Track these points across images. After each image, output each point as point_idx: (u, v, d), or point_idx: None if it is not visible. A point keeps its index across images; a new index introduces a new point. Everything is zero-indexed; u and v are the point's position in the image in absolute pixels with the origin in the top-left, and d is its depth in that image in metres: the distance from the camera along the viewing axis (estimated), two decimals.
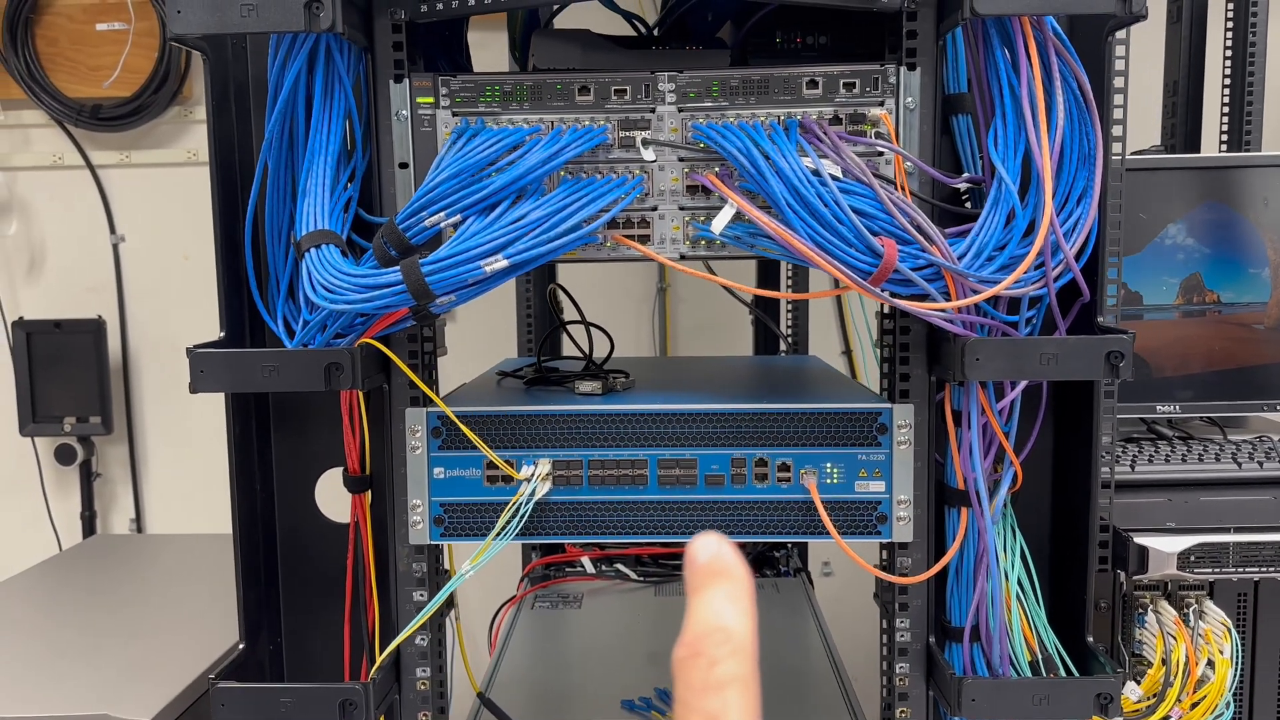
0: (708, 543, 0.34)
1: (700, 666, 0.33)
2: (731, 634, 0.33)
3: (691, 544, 0.35)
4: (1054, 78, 0.87)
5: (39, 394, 2.29)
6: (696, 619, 0.33)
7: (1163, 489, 1.18)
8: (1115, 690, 0.90)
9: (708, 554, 0.34)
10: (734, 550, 0.35)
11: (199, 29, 0.85)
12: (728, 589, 0.34)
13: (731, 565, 0.34)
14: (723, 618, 0.33)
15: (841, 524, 0.95)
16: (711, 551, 0.34)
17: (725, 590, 0.34)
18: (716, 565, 0.34)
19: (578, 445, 0.96)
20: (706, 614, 0.33)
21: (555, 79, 0.92)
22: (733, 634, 0.33)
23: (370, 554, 1.00)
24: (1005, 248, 0.88)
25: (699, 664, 0.33)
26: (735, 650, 0.33)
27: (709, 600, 0.33)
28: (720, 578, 0.34)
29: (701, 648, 0.33)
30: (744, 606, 0.34)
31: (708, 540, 0.35)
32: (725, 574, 0.34)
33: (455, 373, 1.27)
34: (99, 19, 2.26)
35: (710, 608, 0.33)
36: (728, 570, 0.34)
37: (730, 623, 0.33)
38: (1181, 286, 1.38)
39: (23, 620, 1.58)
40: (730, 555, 0.34)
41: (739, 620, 0.33)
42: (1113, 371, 0.88)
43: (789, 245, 0.85)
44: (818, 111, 0.92)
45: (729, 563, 0.34)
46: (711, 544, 0.34)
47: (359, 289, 0.85)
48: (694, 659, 0.33)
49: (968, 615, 0.95)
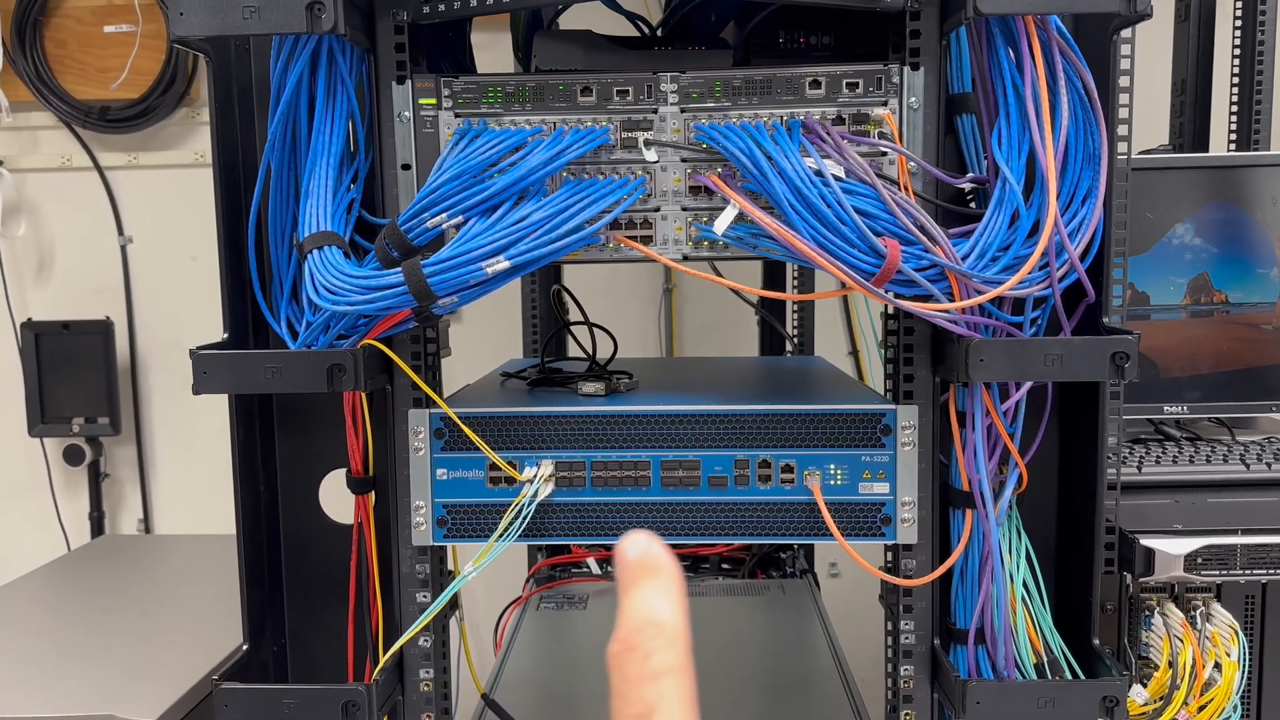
0: (636, 540, 0.35)
1: (635, 660, 0.33)
2: (664, 626, 0.33)
3: (620, 542, 0.35)
4: (1058, 77, 0.87)
5: (47, 395, 2.30)
6: (629, 614, 0.34)
7: (1170, 490, 1.17)
8: (1121, 693, 0.90)
9: (637, 551, 0.35)
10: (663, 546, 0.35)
11: (201, 31, 0.85)
12: (659, 583, 0.34)
13: (661, 561, 0.35)
14: (655, 611, 0.34)
15: (845, 526, 0.94)
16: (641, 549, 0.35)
17: (656, 585, 0.34)
18: (646, 562, 0.35)
19: (580, 447, 0.96)
20: (639, 609, 0.34)
21: (557, 80, 0.92)
22: (665, 626, 0.33)
23: (374, 555, 1.00)
24: (1009, 248, 0.87)
25: (634, 657, 0.33)
26: (668, 642, 0.33)
27: (641, 596, 0.34)
28: (650, 573, 0.35)
29: (635, 641, 0.33)
30: (675, 599, 0.34)
31: (636, 538, 0.35)
32: (655, 570, 0.35)
33: (461, 374, 1.26)
34: (107, 21, 2.26)
35: (643, 603, 0.34)
36: (657, 566, 0.35)
37: (662, 616, 0.34)
38: (1189, 287, 1.37)
39: (31, 620, 1.58)
40: (659, 551, 0.35)
41: (671, 613, 0.34)
42: (1118, 372, 0.87)
43: (791, 246, 0.84)
44: (821, 112, 0.91)
45: (658, 559, 0.35)
46: (640, 541, 0.35)
47: (361, 290, 0.85)
48: (628, 653, 0.33)
49: (973, 617, 0.95)
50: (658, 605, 0.34)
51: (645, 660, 0.33)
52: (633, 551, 0.35)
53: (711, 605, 1.57)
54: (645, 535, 0.35)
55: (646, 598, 0.34)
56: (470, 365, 1.39)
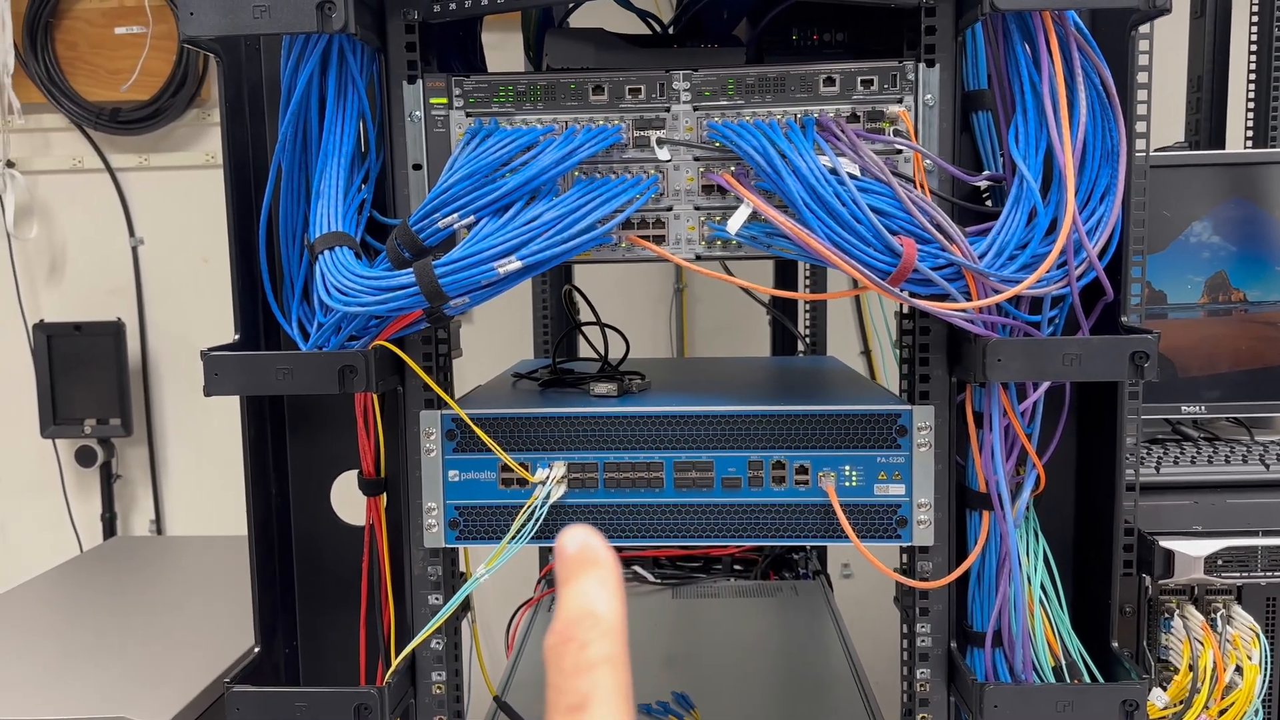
0: (575, 534, 0.35)
1: (571, 651, 0.33)
2: (600, 618, 0.34)
3: (560, 537, 0.35)
4: (1076, 73, 0.86)
5: (60, 396, 2.31)
6: (566, 606, 0.34)
7: (1188, 491, 1.15)
8: (1141, 697, 0.88)
9: (576, 545, 0.35)
10: (602, 540, 0.35)
11: (211, 31, 0.84)
12: (597, 576, 0.35)
13: (600, 554, 0.35)
14: (592, 602, 0.34)
15: (861, 527, 0.93)
16: (580, 542, 0.35)
17: (594, 577, 0.34)
18: (585, 555, 0.35)
19: (593, 448, 0.95)
20: (576, 601, 0.34)
21: (569, 78, 0.91)
22: (601, 618, 0.34)
23: (385, 557, 1.00)
24: (1027, 246, 0.86)
25: (569, 648, 0.33)
26: (605, 632, 0.33)
27: (579, 588, 0.34)
28: (589, 566, 0.35)
29: (572, 633, 0.33)
30: (613, 592, 0.34)
31: (576, 532, 0.35)
32: (593, 562, 0.35)
33: (472, 374, 1.26)
34: (117, 23, 2.27)
35: (580, 595, 0.34)
36: (596, 559, 0.35)
37: (600, 607, 0.34)
38: (1207, 285, 1.36)
39: (43, 621, 1.58)
40: (598, 545, 0.35)
41: (608, 604, 0.34)
42: (1137, 372, 0.86)
43: (806, 245, 0.84)
44: (835, 109, 0.90)
45: (597, 552, 0.35)
46: (579, 535, 0.35)
47: (372, 291, 0.85)
48: (564, 644, 0.33)
49: (989, 620, 0.94)
50: (595, 597, 0.34)
51: (581, 651, 0.33)
52: (571, 545, 0.35)
53: (724, 607, 1.56)
54: (584, 529, 0.36)
55: (585, 590, 0.34)
56: (481, 366, 1.38)
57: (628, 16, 1.19)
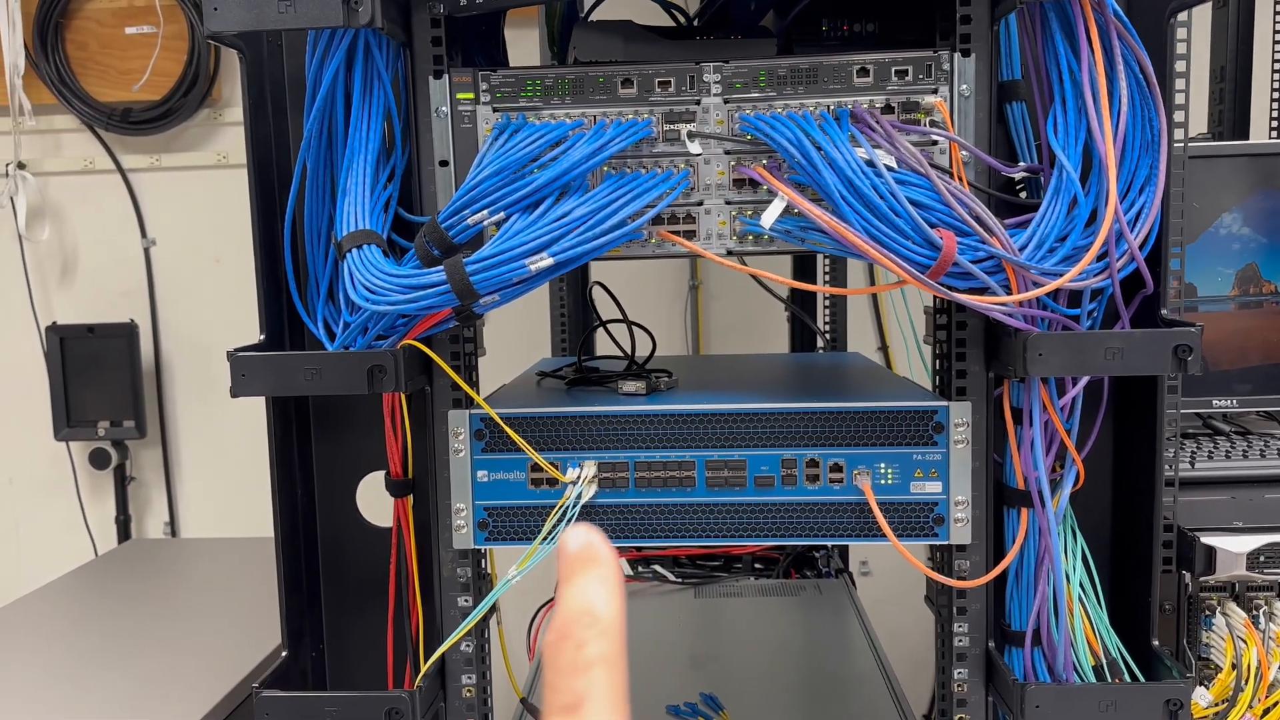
0: (577, 533, 0.35)
1: (568, 649, 0.33)
2: (599, 617, 0.33)
3: (562, 536, 0.35)
4: (1116, 62, 0.84)
5: (73, 398, 2.30)
6: (565, 605, 0.34)
7: (1225, 486, 1.14)
8: (1185, 696, 0.87)
9: (578, 544, 0.35)
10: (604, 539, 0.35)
11: (236, 26, 0.83)
12: (597, 575, 0.34)
13: (601, 553, 0.35)
14: (591, 602, 0.34)
15: (896, 526, 0.92)
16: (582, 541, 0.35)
17: (595, 576, 0.34)
18: (586, 553, 0.35)
19: (623, 447, 0.94)
20: (575, 599, 0.34)
21: (597, 72, 0.90)
22: (600, 617, 0.33)
23: (413, 559, 0.98)
24: (1067, 238, 0.85)
25: (566, 647, 0.33)
26: (602, 632, 0.33)
27: (579, 586, 0.34)
28: (590, 564, 0.35)
29: (569, 631, 0.33)
30: (613, 591, 0.34)
31: (578, 531, 0.35)
32: (594, 561, 0.35)
33: (487, 373, 1.24)
34: (128, 23, 2.26)
35: (580, 593, 0.34)
36: (597, 558, 0.35)
37: (598, 606, 0.34)
38: (1237, 277, 1.34)
39: (61, 628, 1.57)
40: (600, 544, 0.35)
41: (607, 603, 0.34)
42: (1180, 366, 0.84)
43: (843, 239, 0.82)
44: (869, 100, 0.89)
45: (598, 551, 0.35)
46: (581, 534, 0.35)
47: (402, 290, 0.83)
48: (562, 642, 0.33)
49: (1029, 619, 0.92)
50: (595, 596, 0.34)
51: (578, 650, 0.33)
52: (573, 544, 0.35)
53: (748, 606, 1.54)
54: (586, 528, 0.35)
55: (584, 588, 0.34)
56: (496, 365, 1.37)
57: (652, 8, 1.17)
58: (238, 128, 2.32)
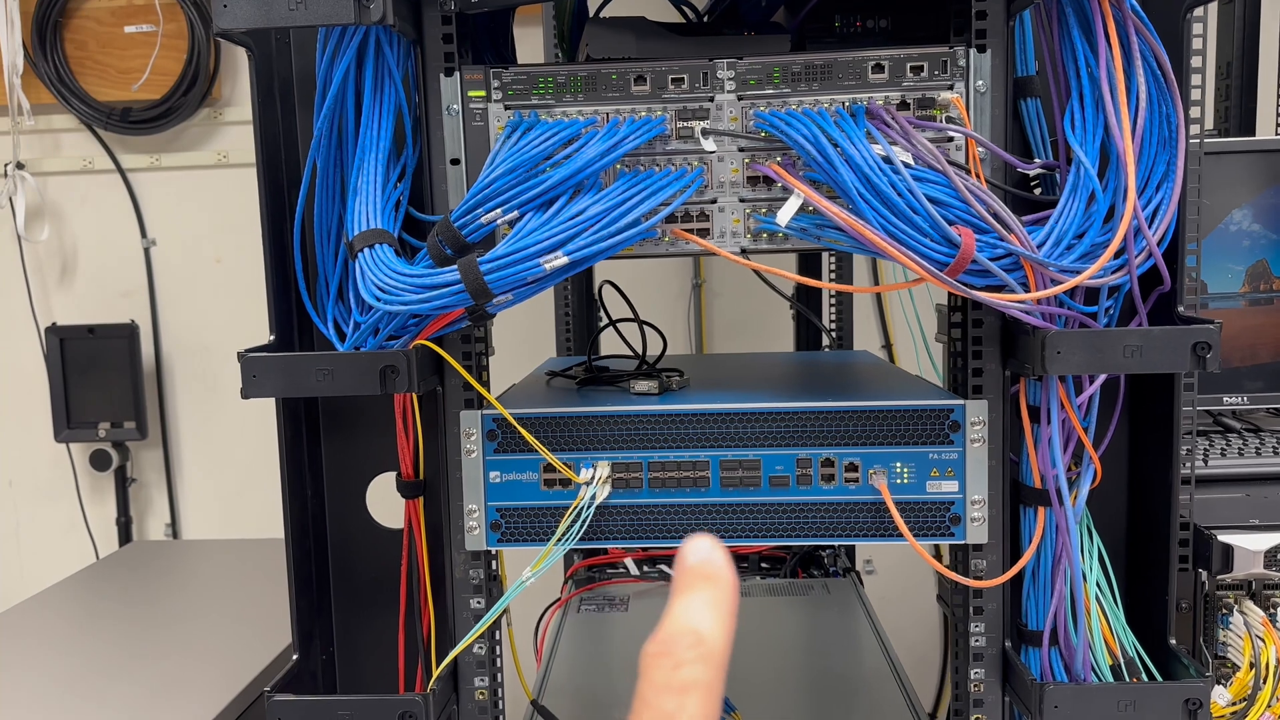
0: (700, 545, 0.34)
1: (665, 666, 0.33)
2: (703, 638, 0.33)
3: (685, 544, 0.35)
4: (1134, 57, 0.84)
5: (73, 400, 2.29)
6: (673, 619, 0.33)
7: (1239, 484, 1.13)
8: (1205, 695, 0.86)
9: (698, 557, 0.34)
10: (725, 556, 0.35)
11: (246, 23, 0.82)
12: (710, 595, 0.34)
13: (719, 571, 0.34)
14: (698, 622, 0.33)
15: (913, 526, 0.91)
16: (703, 555, 0.34)
17: (707, 596, 0.34)
18: (705, 570, 0.34)
19: (637, 447, 0.93)
20: (683, 616, 0.33)
21: (610, 69, 0.89)
22: (704, 638, 0.33)
23: (425, 561, 0.98)
24: (1084, 235, 0.84)
25: (664, 663, 0.33)
26: (703, 655, 0.33)
27: (689, 603, 0.34)
28: (706, 582, 0.34)
29: (671, 648, 0.33)
30: (722, 614, 0.34)
31: (701, 543, 0.35)
32: (711, 579, 0.34)
33: (492, 374, 1.23)
34: (127, 21, 2.25)
35: (688, 610, 0.33)
36: (715, 576, 0.34)
37: (704, 627, 0.33)
38: (1248, 274, 1.33)
39: (64, 632, 1.56)
40: (720, 561, 0.34)
41: (714, 626, 0.33)
42: (1199, 363, 0.84)
43: (861, 237, 0.81)
44: (884, 96, 0.88)
45: (717, 569, 0.34)
46: (704, 547, 0.34)
47: (416, 289, 0.82)
48: (661, 657, 0.33)
49: (1046, 619, 0.92)
50: (702, 616, 0.33)
51: (676, 670, 0.32)
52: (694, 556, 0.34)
53: (757, 606, 1.54)
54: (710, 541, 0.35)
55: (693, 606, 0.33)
56: (501, 365, 1.36)
57: (662, 5, 1.16)
58: (238, 127, 2.31)
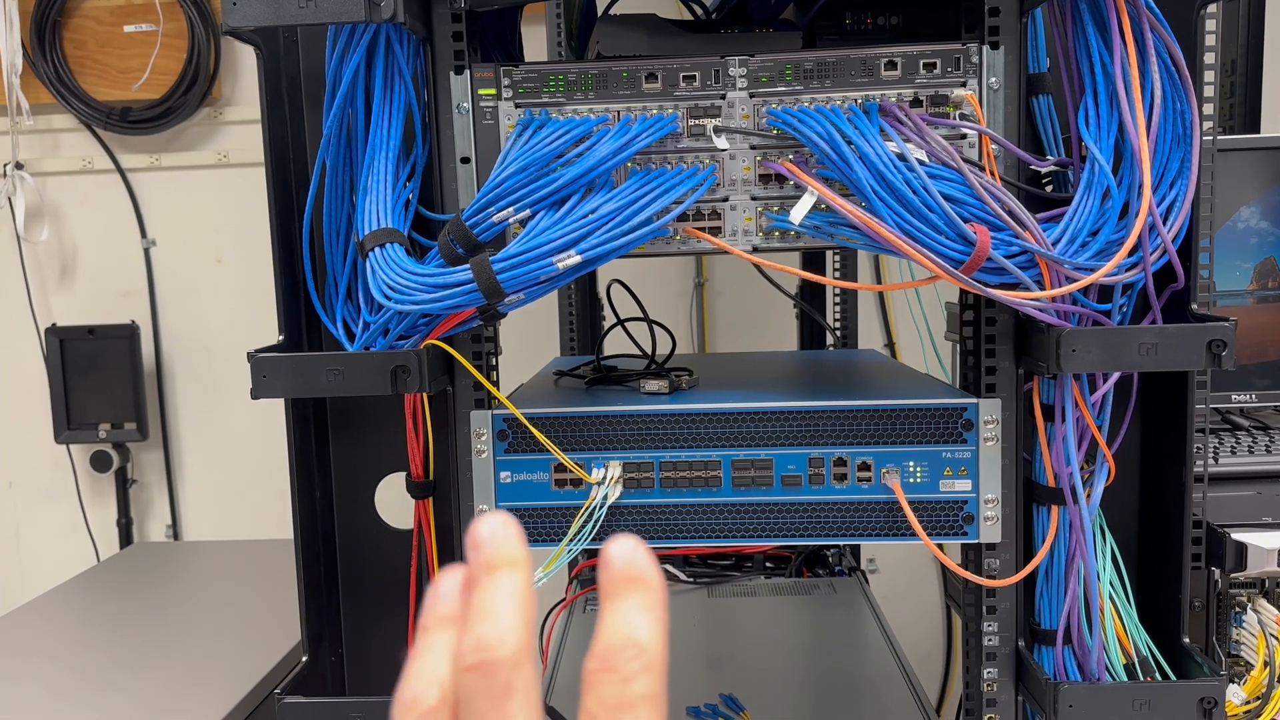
0: (623, 547, 0.33)
1: (613, 682, 0.32)
2: (644, 649, 0.32)
3: (606, 546, 0.33)
4: (1149, 54, 0.83)
5: (74, 401, 2.27)
6: (609, 630, 0.33)
7: (1250, 481, 1.13)
8: (1219, 693, 0.86)
9: (623, 560, 0.33)
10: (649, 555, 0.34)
11: (255, 21, 0.81)
12: (641, 599, 0.33)
13: (645, 572, 0.33)
14: (635, 631, 0.32)
15: (926, 525, 0.91)
16: (627, 557, 0.33)
17: (638, 601, 0.33)
18: (631, 572, 0.33)
19: (648, 447, 0.93)
20: (619, 626, 0.33)
21: (621, 66, 0.89)
22: (645, 648, 0.32)
23: (435, 561, 0.97)
24: (1099, 232, 0.84)
25: (611, 679, 0.32)
26: (647, 666, 0.32)
27: (622, 611, 0.33)
28: (634, 585, 0.33)
29: (614, 662, 0.32)
30: (657, 619, 0.33)
31: (623, 544, 0.34)
32: (639, 581, 0.33)
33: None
34: (127, 21, 2.23)
35: (623, 619, 0.33)
36: (642, 578, 0.33)
37: (642, 636, 0.32)
38: (1255, 271, 1.33)
39: (66, 635, 1.55)
40: (645, 561, 0.33)
41: (652, 634, 0.33)
42: (1214, 361, 0.84)
43: (876, 234, 0.81)
44: (896, 94, 0.88)
45: (643, 570, 0.33)
46: (627, 549, 0.33)
47: (427, 289, 0.82)
48: (606, 673, 0.32)
49: (1059, 618, 0.92)
50: (639, 624, 0.32)
51: (624, 685, 0.32)
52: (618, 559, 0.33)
53: (763, 605, 1.53)
54: (632, 540, 0.34)
55: (628, 614, 0.33)
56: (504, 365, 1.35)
57: (671, 1, 1.16)
58: (238, 126, 2.29)
